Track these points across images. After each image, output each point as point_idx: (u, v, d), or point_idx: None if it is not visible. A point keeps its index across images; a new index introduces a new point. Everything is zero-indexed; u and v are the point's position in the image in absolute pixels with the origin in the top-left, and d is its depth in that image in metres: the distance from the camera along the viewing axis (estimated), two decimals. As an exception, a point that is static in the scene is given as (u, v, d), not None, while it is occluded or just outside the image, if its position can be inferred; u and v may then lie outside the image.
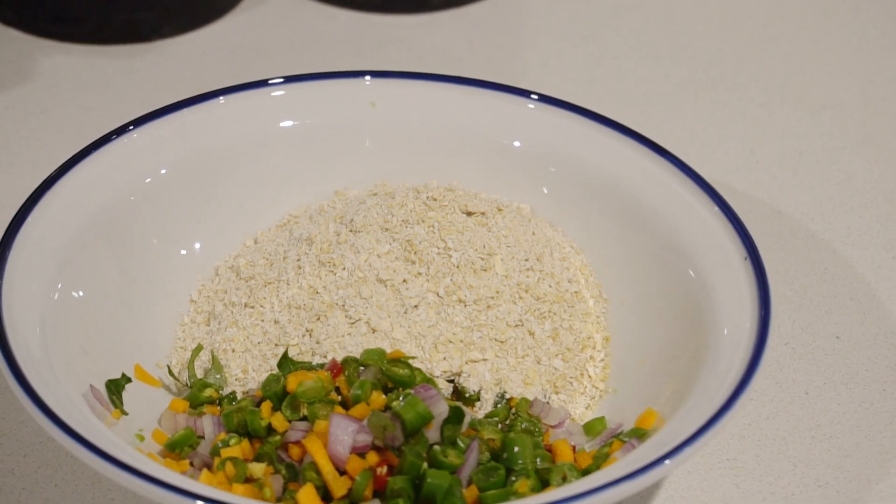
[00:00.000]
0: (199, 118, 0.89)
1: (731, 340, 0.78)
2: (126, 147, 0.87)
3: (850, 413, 0.87)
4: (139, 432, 0.79)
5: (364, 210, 0.87)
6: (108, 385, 0.80)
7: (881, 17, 1.20)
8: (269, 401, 0.79)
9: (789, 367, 0.89)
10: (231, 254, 0.90)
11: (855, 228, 0.99)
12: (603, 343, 0.86)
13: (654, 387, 0.82)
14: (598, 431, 0.81)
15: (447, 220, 0.86)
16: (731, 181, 1.02)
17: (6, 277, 0.78)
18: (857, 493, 0.82)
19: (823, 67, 1.14)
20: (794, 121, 1.09)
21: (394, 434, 0.75)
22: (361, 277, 0.84)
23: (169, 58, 1.12)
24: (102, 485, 0.80)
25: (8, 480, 0.81)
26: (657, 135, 0.92)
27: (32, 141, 1.04)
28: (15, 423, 0.83)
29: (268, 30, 1.15)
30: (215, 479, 0.75)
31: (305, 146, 0.91)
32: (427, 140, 0.91)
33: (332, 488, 0.74)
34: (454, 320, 0.83)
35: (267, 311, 0.84)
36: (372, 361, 0.80)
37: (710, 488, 0.82)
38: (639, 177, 0.88)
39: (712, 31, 1.18)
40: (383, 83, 0.92)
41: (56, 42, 1.12)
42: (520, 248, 0.86)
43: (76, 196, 0.84)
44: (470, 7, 1.18)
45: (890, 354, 0.90)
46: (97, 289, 0.83)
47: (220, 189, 0.90)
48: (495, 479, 0.75)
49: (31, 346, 0.76)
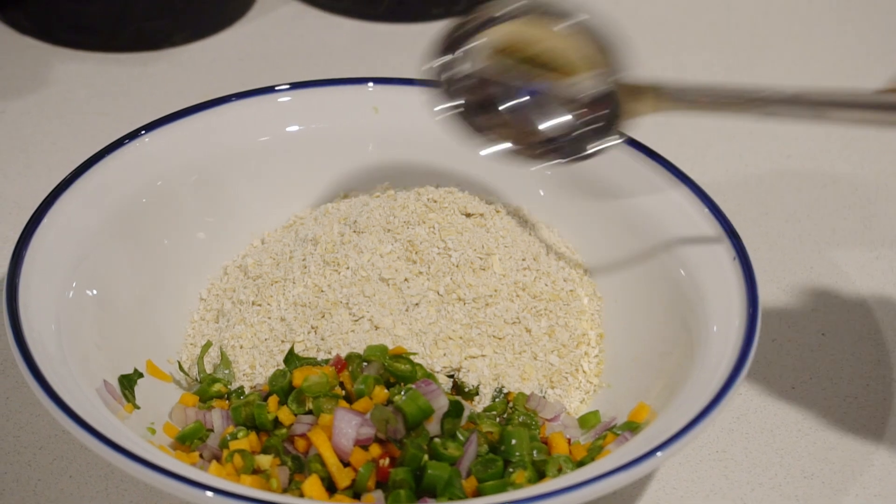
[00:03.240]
0: (209, 123, 0.89)
1: (720, 337, 0.78)
2: (138, 151, 0.87)
3: (835, 407, 0.87)
4: (151, 425, 0.79)
5: (367, 212, 0.87)
6: (120, 380, 0.80)
7: (864, 28, 1.20)
8: (276, 395, 0.79)
9: (776, 363, 0.89)
10: (239, 253, 0.89)
11: (839, 229, 0.99)
12: (597, 340, 0.86)
13: (646, 382, 0.82)
14: (593, 425, 0.81)
15: (447, 221, 0.86)
16: (720, 184, 1.02)
17: (23, 276, 0.78)
18: (841, 484, 0.82)
19: (809, 75, 1.14)
20: (780, 126, 1.08)
21: (396, 427, 0.75)
22: (364, 276, 0.84)
23: (180, 65, 1.12)
24: (115, 476, 0.80)
25: (25, 471, 0.81)
26: (649, 138, 0.92)
27: (48, 145, 1.04)
28: (31, 416, 0.83)
29: (274, 38, 1.15)
30: (224, 471, 0.75)
31: (311, 150, 0.91)
32: (427, 144, 0.91)
33: (337, 479, 0.74)
34: (454, 318, 0.83)
35: (273, 309, 0.84)
36: (374, 357, 0.79)
37: (700, 479, 0.82)
38: (631, 179, 0.87)
39: (702, 40, 1.18)
40: (385, 89, 0.92)
41: (71, 50, 1.12)
42: (517, 249, 0.86)
43: (90, 198, 0.84)
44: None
45: (873, 350, 0.90)
46: (110, 287, 0.83)
47: (229, 191, 0.90)
48: (493, 470, 0.75)
49: (46, 342, 0.76)
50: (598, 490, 0.70)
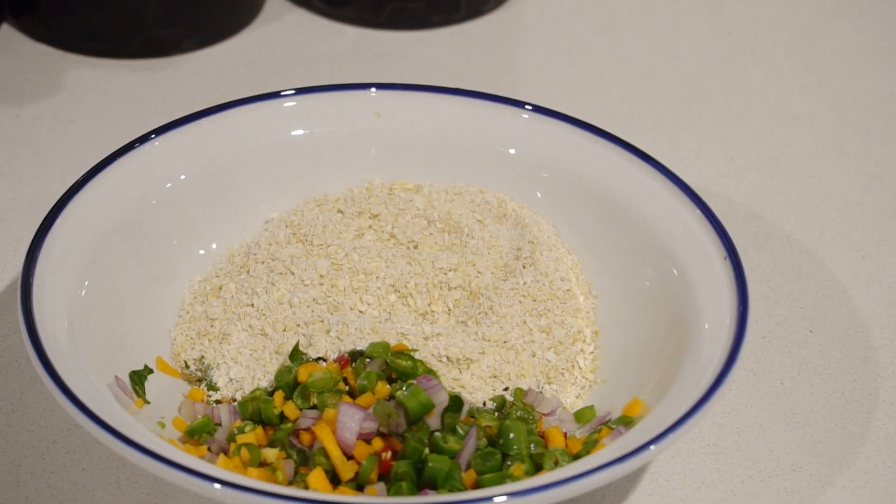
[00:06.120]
0: (217, 127, 0.89)
1: (711, 334, 0.78)
2: (148, 154, 0.87)
3: (823, 402, 0.86)
4: (160, 420, 0.79)
5: (370, 213, 0.87)
6: (131, 376, 0.80)
7: (850, 35, 1.20)
8: (282, 390, 0.79)
9: (766, 360, 0.89)
10: (242, 250, 0.89)
11: (827, 230, 0.99)
12: (592, 337, 0.86)
13: (640, 377, 0.82)
14: (588, 419, 0.81)
15: (448, 222, 0.86)
16: (711, 186, 1.02)
17: (37, 276, 0.78)
18: (828, 477, 0.82)
19: (797, 80, 1.14)
20: (769, 130, 1.08)
21: (397, 421, 0.75)
22: (366, 276, 0.84)
23: (188, 71, 1.11)
24: (126, 469, 0.80)
25: (38, 464, 0.80)
26: (643, 143, 0.92)
27: (61, 149, 1.04)
28: (45, 411, 0.83)
29: (280, 45, 1.15)
30: (231, 464, 0.75)
31: (315, 153, 0.91)
32: (428, 148, 0.91)
33: (340, 472, 0.74)
34: (454, 315, 0.83)
35: (279, 306, 0.84)
36: (377, 354, 0.79)
37: (692, 472, 0.82)
38: (626, 182, 0.87)
39: (693, 46, 1.18)
40: (388, 95, 0.92)
41: (83, 56, 1.12)
42: (516, 249, 0.86)
43: (102, 200, 0.84)
44: (468, 24, 1.17)
45: (859, 347, 0.90)
46: (121, 286, 0.83)
47: (236, 193, 0.89)
48: (492, 463, 0.75)
49: (59, 339, 0.76)
50: (594, 482, 0.70)
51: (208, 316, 0.84)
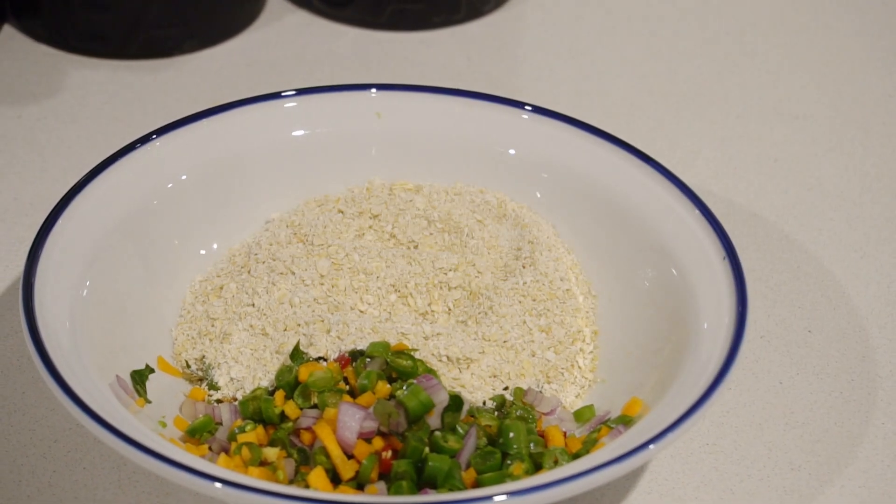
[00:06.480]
0: (218, 128, 0.89)
1: (710, 334, 0.78)
2: (149, 154, 0.87)
3: (821, 401, 0.86)
4: (162, 419, 0.79)
5: (370, 213, 0.87)
6: (132, 375, 0.80)
7: (848, 36, 1.19)
8: (283, 390, 0.79)
9: (765, 359, 0.89)
10: (243, 250, 0.89)
11: (825, 230, 0.99)
12: (592, 336, 0.85)
13: (639, 377, 0.81)
14: (588, 418, 0.81)
15: (448, 222, 0.86)
16: (710, 186, 1.02)
17: (38, 275, 0.78)
18: (827, 476, 0.82)
19: (795, 81, 1.14)
20: (768, 130, 1.08)
21: (398, 421, 0.75)
22: (367, 276, 0.84)
23: (189, 72, 1.11)
24: (128, 468, 0.80)
25: (40, 463, 0.80)
26: (642, 143, 0.92)
27: (63, 149, 1.03)
28: (46, 410, 0.83)
29: (281, 46, 1.15)
30: (232, 463, 0.75)
31: (316, 154, 0.91)
32: (429, 148, 0.91)
33: (341, 471, 0.74)
34: (454, 315, 0.82)
35: (279, 306, 0.84)
36: (377, 353, 0.79)
37: (692, 471, 0.82)
38: (625, 182, 0.87)
39: (692, 47, 1.17)
40: (388, 95, 0.92)
41: (84, 57, 1.11)
42: (516, 249, 0.86)
43: (103, 200, 0.84)
44: (468, 25, 1.17)
45: (857, 346, 0.90)
46: (123, 286, 0.83)
47: (237, 193, 0.89)
48: (492, 462, 0.75)
49: (61, 339, 0.76)
50: (593, 481, 0.70)
51: (209, 316, 0.84)
